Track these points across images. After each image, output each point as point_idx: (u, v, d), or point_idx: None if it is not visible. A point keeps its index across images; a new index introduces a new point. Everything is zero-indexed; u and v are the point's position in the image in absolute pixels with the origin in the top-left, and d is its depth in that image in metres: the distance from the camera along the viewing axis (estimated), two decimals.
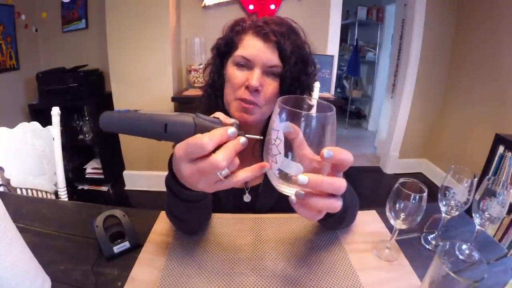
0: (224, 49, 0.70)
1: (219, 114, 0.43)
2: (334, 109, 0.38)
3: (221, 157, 0.37)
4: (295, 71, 0.65)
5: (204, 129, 0.39)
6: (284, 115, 0.37)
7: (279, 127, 0.37)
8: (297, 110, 0.36)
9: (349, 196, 0.62)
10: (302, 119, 0.36)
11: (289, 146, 0.37)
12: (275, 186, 0.41)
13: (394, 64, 2.77)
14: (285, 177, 0.39)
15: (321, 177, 0.37)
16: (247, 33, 0.66)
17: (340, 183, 0.38)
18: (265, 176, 0.74)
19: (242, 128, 0.74)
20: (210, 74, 0.75)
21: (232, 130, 0.38)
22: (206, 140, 0.36)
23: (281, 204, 0.76)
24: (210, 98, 0.74)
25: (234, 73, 0.66)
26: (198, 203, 0.54)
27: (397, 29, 2.73)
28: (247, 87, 0.64)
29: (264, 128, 0.76)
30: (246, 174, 0.40)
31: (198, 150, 0.37)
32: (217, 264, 0.60)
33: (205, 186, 0.40)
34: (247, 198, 0.80)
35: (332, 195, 0.38)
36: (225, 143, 0.38)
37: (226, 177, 0.39)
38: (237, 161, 0.40)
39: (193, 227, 0.66)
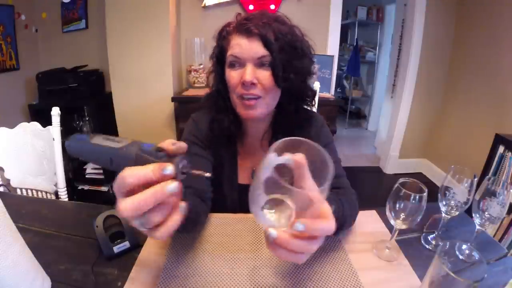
0: (219, 56, 0.73)
1: (167, 143, 0.37)
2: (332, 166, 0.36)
3: (123, 206, 0.32)
4: (283, 57, 0.66)
5: (144, 163, 0.34)
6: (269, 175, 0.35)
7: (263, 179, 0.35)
8: (281, 182, 0.34)
9: (344, 212, 0.61)
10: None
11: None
12: (253, 213, 0.38)
13: (394, 64, 2.76)
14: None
15: (288, 239, 0.35)
16: (232, 34, 0.69)
17: (309, 246, 0.36)
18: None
19: (251, 123, 0.74)
20: (213, 81, 0.78)
21: (169, 169, 0.33)
22: (126, 174, 0.32)
23: None
24: (218, 102, 0.76)
25: (230, 74, 0.69)
26: None
27: (397, 29, 2.72)
28: (243, 84, 0.66)
29: (273, 120, 0.78)
30: (167, 230, 0.35)
31: (122, 185, 0.32)
32: (217, 264, 0.60)
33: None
34: None
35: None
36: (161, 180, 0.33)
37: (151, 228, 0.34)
38: (165, 211, 0.34)
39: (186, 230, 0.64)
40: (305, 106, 0.79)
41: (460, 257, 0.48)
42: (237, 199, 0.81)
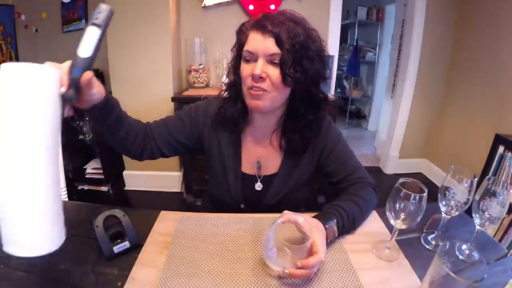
0: (237, 51, 0.77)
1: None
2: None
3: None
4: (294, 56, 0.67)
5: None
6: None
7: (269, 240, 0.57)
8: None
9: (349, 217, 0.69)
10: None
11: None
12: (267, 261, 0.57)
13: (394, 64, 2.76)
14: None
15: (294, 272, 0.54)
16: (249, 30, 0.71)
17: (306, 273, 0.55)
18: (281, 165, 0.81)
19: (258, 116, 0.80)
20: (231, 73, 0.81)
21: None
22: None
23: (290, 197, 0.84)
24: (231, 91, 0.81)
25: (243, 67, 0.73)
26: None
27: (397, 29, 2.72)
28: (252, 77, 0.69)
29: (282, 117, 0.80)
30: None
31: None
32: (217, 264, 0.60)
33: None
34: (258, 186, 0.84)
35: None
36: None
37: None
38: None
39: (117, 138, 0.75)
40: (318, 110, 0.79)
41: (460, 257, 0.48)
42: (240, 188, 0.84)
